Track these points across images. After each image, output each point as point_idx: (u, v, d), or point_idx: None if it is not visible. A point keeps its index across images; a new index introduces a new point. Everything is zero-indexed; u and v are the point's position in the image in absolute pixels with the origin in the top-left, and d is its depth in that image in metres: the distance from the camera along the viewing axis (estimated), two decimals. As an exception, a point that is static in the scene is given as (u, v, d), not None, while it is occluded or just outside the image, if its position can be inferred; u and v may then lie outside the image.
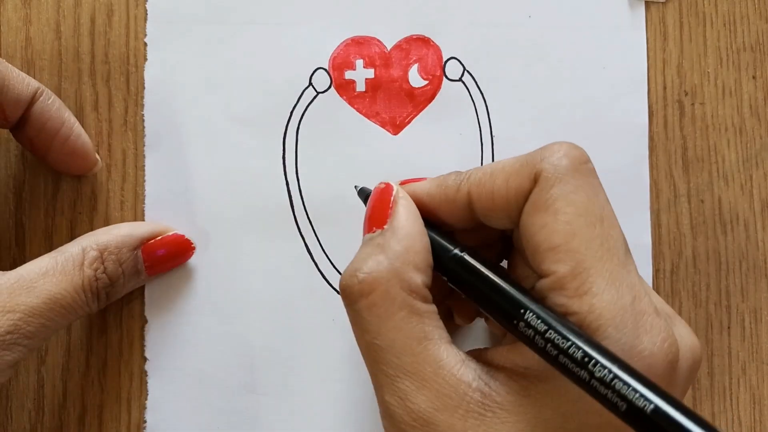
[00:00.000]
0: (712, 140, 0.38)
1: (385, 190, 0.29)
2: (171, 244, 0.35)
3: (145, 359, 0.35)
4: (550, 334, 0.24)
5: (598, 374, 0.23)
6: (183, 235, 0.35)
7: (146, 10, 0.36)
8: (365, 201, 0.31)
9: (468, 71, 0.37)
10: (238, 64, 0.36)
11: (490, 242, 0.31)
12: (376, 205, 0.29)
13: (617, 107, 0.37)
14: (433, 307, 0.27)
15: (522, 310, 0.25)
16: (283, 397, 0.35)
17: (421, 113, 0.37)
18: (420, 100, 0.37)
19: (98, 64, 0.36)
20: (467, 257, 0.28)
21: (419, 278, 0.27)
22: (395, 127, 0.36)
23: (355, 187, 0.33)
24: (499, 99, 0.37)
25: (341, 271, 0.36)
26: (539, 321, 0.25)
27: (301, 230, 0.36)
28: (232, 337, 0.35)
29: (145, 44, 0.36)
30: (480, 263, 0.27)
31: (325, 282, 0.36)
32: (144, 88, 0.36)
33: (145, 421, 0.35)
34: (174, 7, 0.36)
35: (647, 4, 0.38)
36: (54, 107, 0.33)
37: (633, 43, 0.37)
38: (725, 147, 0.38)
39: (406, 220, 0.28)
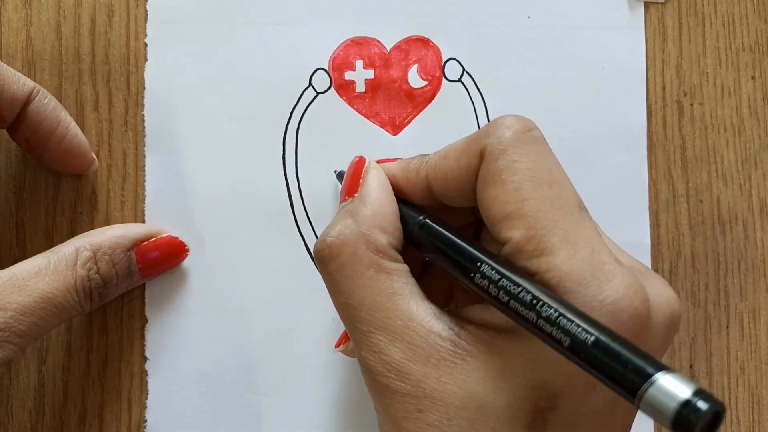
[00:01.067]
0: (711, 140, 0.38)
1: (359, 163, 0.31)
2: (164, 246, 0.35)
3: (145, 359, 0.35)
4: (503, 282, 0.25)
5: (544, 314, 0.24)
6: (177, 237, 0.35)
7: (146, 11, 0.36)
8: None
9: (467, 72, 0.37)
10: (238, 64, 0.36)
11: (464, 223, 0.32)
12: (350, 177, 0.31)
13: (616, 107, 0.37)
14: (403, 266, 0.28)
15: (478, 264, 0.26)
16: (283, 396, 0.35)
17: (420, 114, 0.37)
18: (419, 100, 0.37)
19: (98, 65, 0.36)
20: (429, 222, 0.29)
21: (385, 239, 0.28)
22: (395, 127, 0.37)
23: (335, 171, 0.35)
24: (499, 99, 0.37)
25: (341, 271, 0.36)
26: (493, 271, 0.26)
27: (301, 230, 0.36)
28: (232, 336, 0.35)
29: (146, 44, 0.36)
30: (441, 227, 0.29)
31: (324, 282, 0.36)
32: (144, 88, 0.36)
33: (145, 421, 0.35)
34: (174, 7, 0.36)
35: (646, 5, 0.38)
36: (50, 107, 0.33)
37: (632, 44, 0.37)
38: (724, 147, 0.38)
39: (376, 187, 0.30)
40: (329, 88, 0.36)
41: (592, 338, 0.23)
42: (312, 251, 0.29)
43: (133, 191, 0.36)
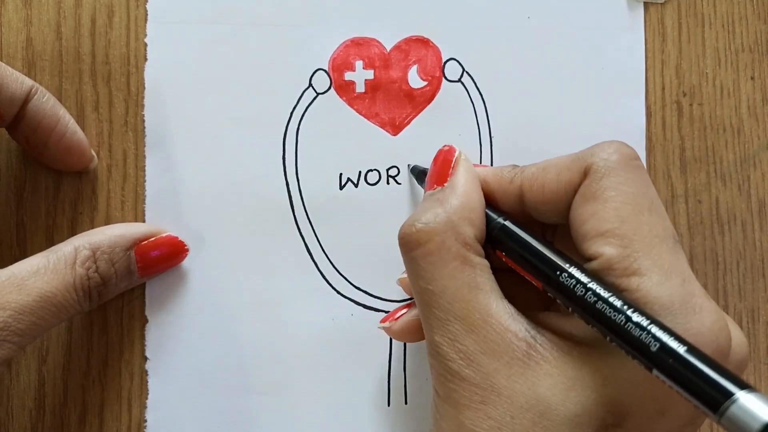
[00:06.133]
0: (710, 141, 0.38)
1: (449, 152, 0.32)
2: (165, 245, 0.35)
3: (145, 358, 0.35)
4: (592, 284, 0.25)
5: (635, 318, 0.24)
6: (177, 237, 0.35)
7: (146, 11, 0.36)
8: (417, 176, 0.34)
9: (467, 72, 0.37)
10: (238, 64, 0.36)
11: None
12: (439, 165, 0.31)
13: (616, 108, 0.37)
14: (485, 261, 0.29)
15: (567, 265, 0.27)
16: (282, 396, 0.35)
17: (420, 114, 0.37)
18: (419, 101, 0.37)
19: (99, 65, 0.36)
20: (510, 223, 0.29)
21: (472, 232, 0.29)
22: (395, 127, 0.37)
23: (408, 165, 0.36)
24: (498, 100, 0.37)
25: (341, 271, 0.36)
26: (582, 273, 0.26)
27: (301, 230, 0.36)
28: (232, 336, 0.35)
29: (146, 44, 0.36)
30: (523, 229, 0.29)
31: (325, 282, 0.36)
32: (144, 88, 0.36)
33: (145, 421, 0.35)
34: (174, 8, 0.36)
35: (646, 5, 0.38)
36: (48, 105, 0.33)
37: (631, 44, 0.38)
38: (723, 148, 0.38)
39: (465, 179, 0.30)
40: (329, 88, 0.36)
41: (684, 347, 0.23)
42: (398, 234, 0.29)
43: (133, 191, 0.36)
